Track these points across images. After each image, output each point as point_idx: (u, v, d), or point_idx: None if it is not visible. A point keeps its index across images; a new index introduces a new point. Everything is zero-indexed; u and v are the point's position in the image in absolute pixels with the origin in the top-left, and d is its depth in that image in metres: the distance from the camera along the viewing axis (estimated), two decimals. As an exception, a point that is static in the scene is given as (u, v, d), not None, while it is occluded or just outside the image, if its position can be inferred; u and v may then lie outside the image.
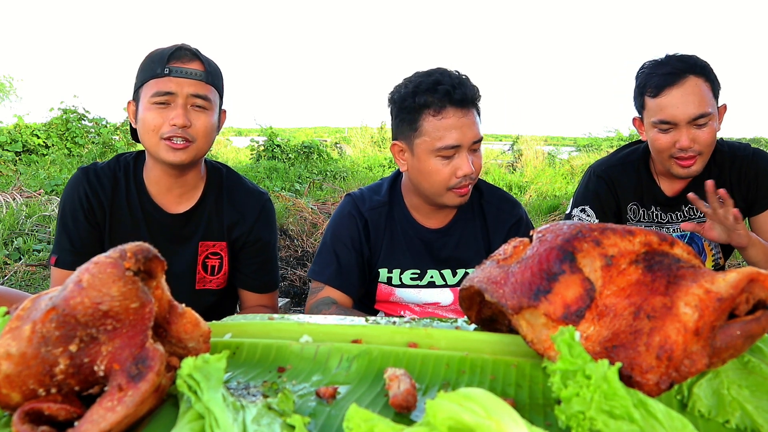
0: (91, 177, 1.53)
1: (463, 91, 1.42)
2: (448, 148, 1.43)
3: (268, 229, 1.63)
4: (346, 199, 1.66)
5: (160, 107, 1.41)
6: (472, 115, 1.45)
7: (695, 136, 1.64)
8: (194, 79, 1.43)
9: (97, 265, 0.54)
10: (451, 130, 1.42)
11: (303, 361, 0.67)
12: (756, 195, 1.79)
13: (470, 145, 1.44)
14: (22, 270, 3.92)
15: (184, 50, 1.45)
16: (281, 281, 3.96)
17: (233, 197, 1.60)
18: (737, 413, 0.55)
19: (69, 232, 1.51)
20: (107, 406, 0.50)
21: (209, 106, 1.46)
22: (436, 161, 1.45)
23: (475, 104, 1.47)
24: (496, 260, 0.68)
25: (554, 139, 20.29)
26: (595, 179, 1.88)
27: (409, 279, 1.61)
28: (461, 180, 1.45)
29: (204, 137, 1.46)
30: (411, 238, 1.60)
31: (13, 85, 17.99)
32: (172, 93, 1.41)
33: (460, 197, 1.49)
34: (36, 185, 6.41)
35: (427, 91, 1.44)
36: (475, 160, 1.47)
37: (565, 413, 0.49)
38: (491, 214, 1.63)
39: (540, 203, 7.16)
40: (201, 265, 1.58)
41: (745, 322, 0.54)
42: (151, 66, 1.43)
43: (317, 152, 10.38)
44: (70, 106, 9.61)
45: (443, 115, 1.42)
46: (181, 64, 1.43)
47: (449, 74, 1.46)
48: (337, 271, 1.57)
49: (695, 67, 1.64)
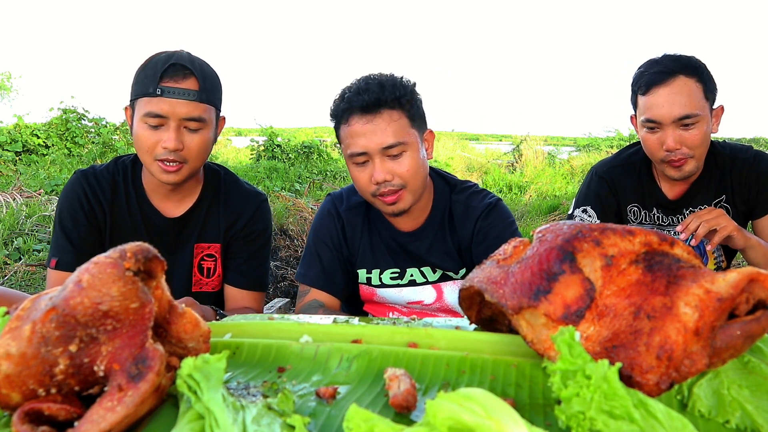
0: (91, 180, 1.52)
1: (365, 98, 1.39)
2: (355, 154, 1.41)
3: (261, 224, 1.62)
4: (327, 198, 1.66)
5: (153, 128, 1.37)
6: (381, 119, 1.39)
7: (682, 137, 1.62)
8: (187, 99, 1.37)
9: (97, 265, 0.54)
10: (355, 137, 1.40)
11: (303, 361, 0.67)
12: (757, 198, 1.78)
13: (382, 151, 1.39)
14: (22, 270, 3.92)
15: (178, 66, 1.38)
16: (281, 281, 3.96)
17: (230, 199, 1.60)
18: (737, 413, 0.55)
19: (68, 233, 1.49)
20: (107, 406, 0.50)
21: (203, 125, 1.41)
22: (354, 168, 1.45)
23: (393, 107, 1.41)
24: (496, 260, 0.68)
25: (554, 139, 20.30)
26: (597, 180, 1.87)
27: (389, 278, 1.59)
28: (379, 187, 1.41)
29: (198, 156, 1.43)
30: (387, 240, 1.59)
31: (12, 83, 17.99)
32: (163, 116, 1.36)
33: (388, 205, 1.44)
34: (36, 185, 6.41)
35: (338, 100, 1.46)
36: (397, 167, 1.41)
37: (565, 413, 0.49)
38: (458, 211, 1.58)
39: (540, 203, 7.16)
40: (197, 267, 1.58)
41: (745, 322, 0.54)
42: (144, 81, 1.38)
43: (317, 152, 10.38)
44: (69, 106, 9.62)
45: (349, 123, 1.42)
46: (174, 84, 1.36)
47: (363, 80, 1.44)
48: (320, 273, 1.56)
49: (687, 67, 1.63)
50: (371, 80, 1.43)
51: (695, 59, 1.66)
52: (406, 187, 1.43)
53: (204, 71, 1.42)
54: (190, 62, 1.40)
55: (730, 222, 1.59)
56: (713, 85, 1.67)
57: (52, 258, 1.50)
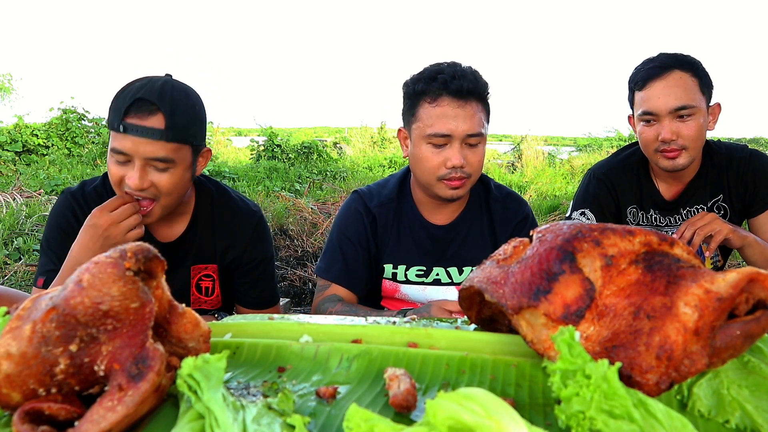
0: (80, 200, 1.46)
1: (461, 83, 1.42)
2: (438, 135, 1.43)
3: (261, 247, 1.59)
4: (353, 196, 1.66)
5: (120, 163, 1.30)
6: (471, 108, 1.44)
7: (678, 129, 1.64)
8: (151, 138, 1.26)
9: (98, 265, 0.54)
10: (443, 119, 1.43)
11: (303, 361, 0.67)
12: (754, 196, 1.79)
13: (464, 138, 1.44)
14: (22, 270, 3.92)
15: (143, 102, 1.27)
16: (281, 281, 3.96)
17: (224, 220, 1.55)
18: (737, 413, 0.55)
19: (57, 252, 1.42)
20: (107, 406, 0.50)
21: (172, 165, 1.31)
22: (427, 148, 1.46)
23: (479, 99, 1.46)
24: (496, 260, 0.68)
25: (554, 139, 20.30)
26: (595, 182, 1.87)
27: (414, 276, 1.61)
28: (450, 171, 1.45)
29: (169, 194, 1.35)
30: (418, 235, 1.61)
31: (12, 84, 17.99)
32: (127, 154, 1.28)
33: (450, 189, 1.48)
34: (36, 185, 6.41)
35: (426, 79, 1.47)
36: (471, 156, 1.46)
37: (565, 413, 0.49)
38: (498, 212, 1.63)
39: (540, 203, 7.15)
40: (195, 287, 1.56)
41: (744, 322, 0.54)
42: (112, 114, 1.30)
43: (317, 152, 10.38)
44: (69, 106, 9.62)
45: (438, 103, 1.44)
46: (138, 121, 1.26)
47: (454, 66, 1.48)
48: (343, 269, 1.57)
49: (683, 62, 1.65)
50: (465, 69, 1.47)
51: (690, 56, 1.68)
52: (470, 177, 1.49)
53: (174, 106, 1.29)
54: (159, 96, 1.28)
55: (724, 225, 1.60)
56: (709, 80, 1.68)
57: (39, 277, 1.44)
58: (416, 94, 1.48)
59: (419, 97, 1.47)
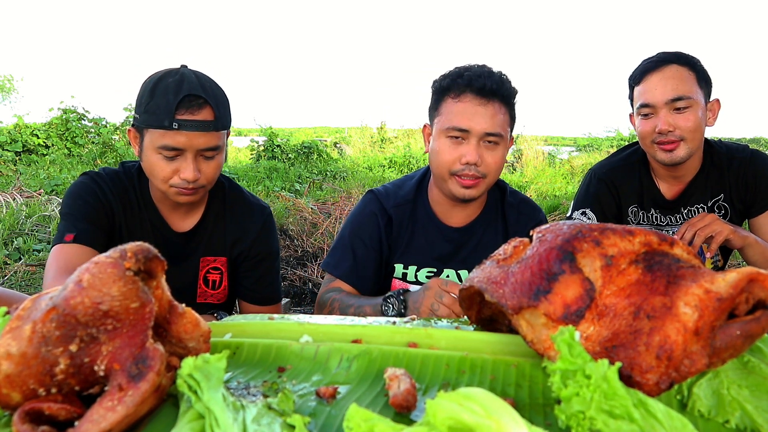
0: (101, 181, 1.48)
1: (486, 82, 1.44)
2: (456, 129, 1.44)
3: (268, 242, 1.63)
4: (368, 196, 1.66)
5: (169, 159, 1.35)
6: (493, 108, 1.45)
7: (675, 120, 1.65)
8: (205, 131, 1.33)
9: (98, 264, 0.54)
10: (463, 114, 1.44)
11: (303, 361, 0.67)
12: (754, 197, 1.79)
13: (482, 136, 1.44)
14: (22, 270, 3.92)
15: (192, 97, 1.32)
16: (281, 281, 3.96)
17: (235, 213, 1.59)
18: (737, 413, 0.55)
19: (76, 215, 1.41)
20: (107, 406, 0.50)
21: (219, 152, 1.40)
22: (444, 141, 1.47)
23: (503, 101, 1.47)
24: (496, 260, 0.68)
25: (554, 139, 20.30)
26: (596, 182, 1.88)
27: (425, 277, 1.61)
28: (464, 168, 1.45)
29: (212, 179, 1.43)
30: (432, 236, 1.61)
31: (13, 85, 18.00)
32: (181, 149, 1.33)
33: (462, 188, 1.48)
34: (36, 185, 6.41)
35: (453, 76, 1.49)
36: (489, 156, 1.46)
37: (565, 413, 0.49)
38: (512, 217, 1.64)
39: (540, 203, 7.14)
40: (202, 279, 1.58)
41: (744, 322, 0.54)
42: (157, 113, 1.32)
43: (317, 152, 10.39)
44: (69, 106, 9.62)
45: (460, 99, 1.46)
46: (190, 116, 1.32)
47: (482, 67, 1.50)
48: (352, 268, 1.58)
49: (680, 57, 1.67)
50: (494, 71, 1.49)
51: (689, 54, 1.69)
52: (485, 178, 1.49)
53: (216, 96, 1.37)
54: (202, 89, 1.35)
55: (724, 226, 1.60)
56: (707, 76, 1.69)
57: (67, 233, 1.38)
58: (442, 90, 1.50)
59: (444, 92, 1.49)
